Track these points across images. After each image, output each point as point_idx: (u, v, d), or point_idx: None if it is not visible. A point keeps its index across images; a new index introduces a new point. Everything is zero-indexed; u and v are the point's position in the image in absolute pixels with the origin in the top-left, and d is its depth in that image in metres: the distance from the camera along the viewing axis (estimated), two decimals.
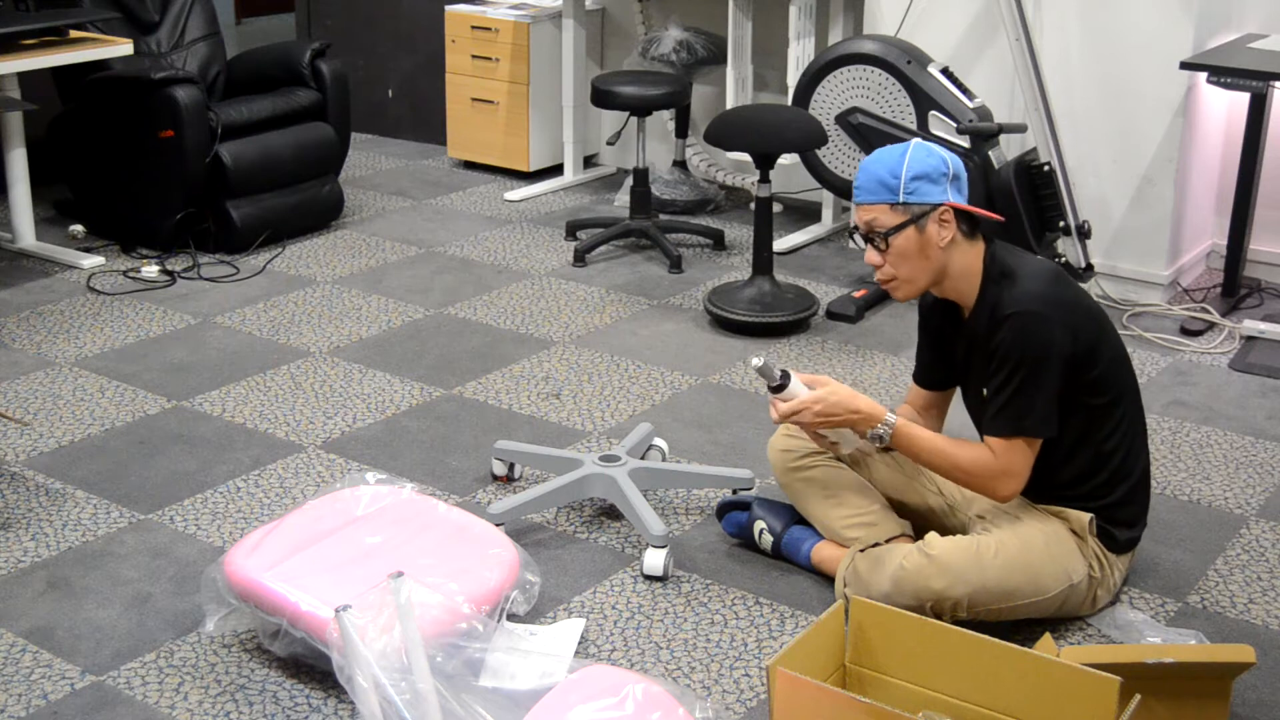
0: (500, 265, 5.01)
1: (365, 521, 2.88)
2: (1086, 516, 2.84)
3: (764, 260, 4.46)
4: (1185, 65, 4.35)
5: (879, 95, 4.57)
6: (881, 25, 4.97)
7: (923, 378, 3.05)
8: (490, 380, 4.05)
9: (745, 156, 4.66)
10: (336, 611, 2.39)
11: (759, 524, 3.11)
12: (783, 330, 4.38)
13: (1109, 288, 4.69)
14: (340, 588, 2.59)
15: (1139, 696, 2.27)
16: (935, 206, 2.75)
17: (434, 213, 5.60)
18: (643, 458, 3.46)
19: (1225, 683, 2.52)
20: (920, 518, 3.05)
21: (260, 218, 5.05)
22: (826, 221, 5.40)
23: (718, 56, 5.46)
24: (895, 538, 2.94)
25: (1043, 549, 2.80)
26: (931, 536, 2.82)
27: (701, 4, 5.61)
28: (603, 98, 4.97)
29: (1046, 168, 4.37)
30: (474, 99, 6.05)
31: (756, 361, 2.75)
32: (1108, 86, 4.59)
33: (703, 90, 5.81)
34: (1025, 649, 2.38)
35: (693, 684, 2.70)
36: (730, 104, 5.21)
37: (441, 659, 2.50)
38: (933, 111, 4.48)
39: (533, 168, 6.02)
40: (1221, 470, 3.58)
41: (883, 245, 2.79)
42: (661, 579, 3.04)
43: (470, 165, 6.20)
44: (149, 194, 4.97)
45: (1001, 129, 4.44)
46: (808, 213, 5.53)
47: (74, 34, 4.80)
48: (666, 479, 3.37)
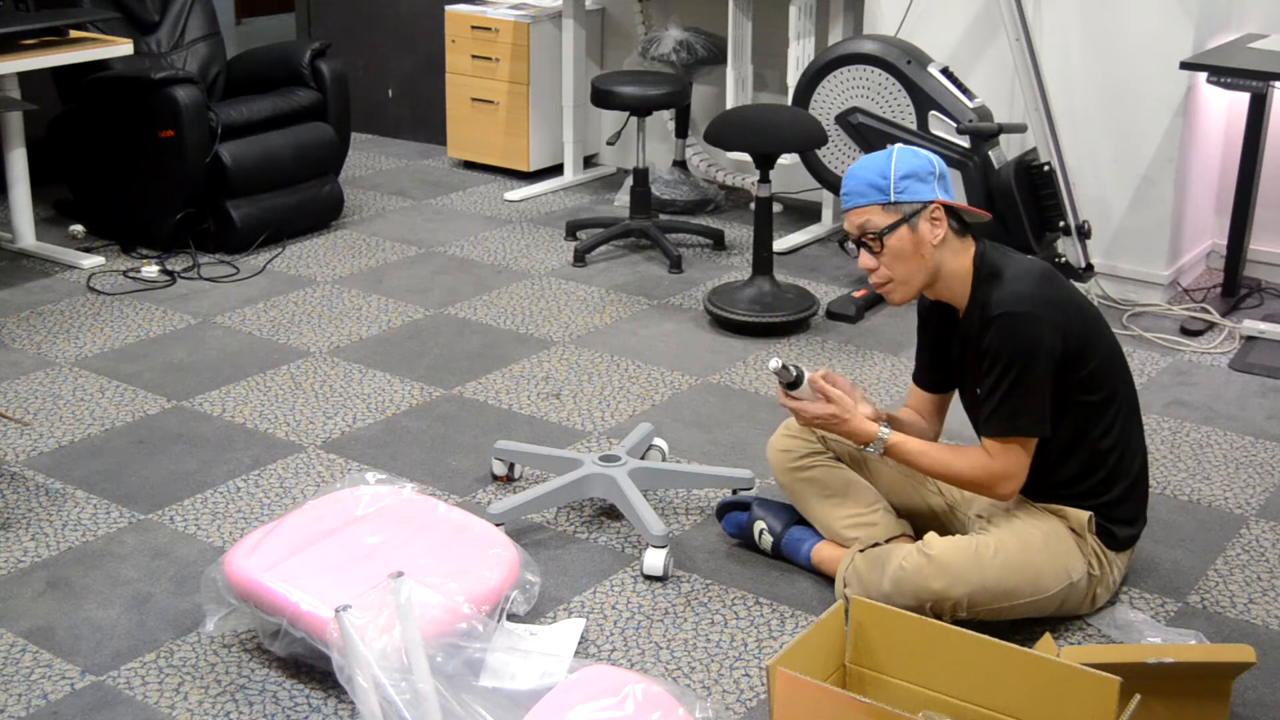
0: (500, 265, 5.01)
1: (365, 521, 2.87)
2: (1085, 514, 2.84)
3: (764, 260, 4.46)
4: (1185, 65, 4.35)
5: (879, 95, 4.57)
6: (881, 25, 4.97)
7: (922, 379, 3.06)
8: (490, 380, 4.05)
9: (745, 156, 4.66)
10: (336, 611, 2.39)
11: (759, 524, 3.11)
12: (783, 330, 4.38)
13: (1109, 288, 4.69)
14: (340, 588, 2.59)
15: (1139, 696, 2.27)
16: (926, 204, 2.77)
17: (434, 213, 5.60)
18: (643, 458, 3.46)
19: (1225, 683, 2.52)
20: (921, 518, 3.06)
21: (260, 218, 5.05)
22: (826, 221, 5.40)
23: (718, 56, 5.46)
24: (895, 538, 2.95)
25: (1042, 548, 2.80)
26: (931, 536, 2.82)
27: (701, 4, 5.61)
28: (603, 98, 4.97)
29: (1046, 168, 4.37)
30: (474, 99, 6.04)
31: (775, 364, 2.79)
32: (1108, 86, 4.59)
33: (703, 90, 5.81)
34: (1025, 649, 2.38)
35: (693, 684, 2.70)
36: (730, 104, 5.20)
37: (441, 659, 2.50)
38: (933, 111, 4.47)
39: (533, 168, 6.02)
40: (1221, 470, 3.58)
41: (877, 247, 2.80)
42: (661, 579, 3.04)
43: (470, 165, 6.20)
44: (149, 194, 4.96)
45: (1001, 129, 4.44)
46: (808, 213, 5.53)
47: (74, 34, 4.80)
48: (666, 479, 3.37)
